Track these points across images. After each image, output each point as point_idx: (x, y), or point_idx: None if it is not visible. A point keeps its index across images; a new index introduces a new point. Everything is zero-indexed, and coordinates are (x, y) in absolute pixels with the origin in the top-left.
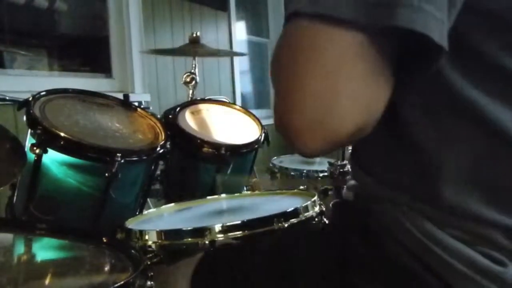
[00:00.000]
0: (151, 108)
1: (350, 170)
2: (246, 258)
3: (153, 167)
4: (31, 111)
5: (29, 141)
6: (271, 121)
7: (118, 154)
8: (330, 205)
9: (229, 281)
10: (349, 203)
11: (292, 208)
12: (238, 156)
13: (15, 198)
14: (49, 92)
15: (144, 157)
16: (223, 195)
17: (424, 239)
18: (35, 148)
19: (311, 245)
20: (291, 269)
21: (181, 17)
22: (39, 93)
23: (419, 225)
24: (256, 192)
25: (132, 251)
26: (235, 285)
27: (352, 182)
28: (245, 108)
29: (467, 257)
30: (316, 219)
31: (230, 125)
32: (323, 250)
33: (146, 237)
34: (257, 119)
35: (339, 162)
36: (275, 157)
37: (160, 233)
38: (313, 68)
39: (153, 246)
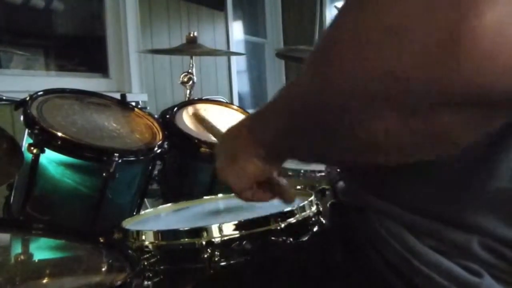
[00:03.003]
0: (148, 108)
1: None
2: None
3: (150, 167)
4: (29, 111)
5: (26, 141)
6: None
7: (115, 154)
8: (328, 205)
9: None
10: (344, 206)
11: (289, 208)
12: None
13: (12, 198)
14: (47, 92)
15: (142, 157)
16: (220, 195)
17: (403, 251)
18: (32, 148)
19: (300, 258)
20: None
21: (178, 16)
22: (36, 93)
23: (398, 236)
24: None
25: (129, 251)
26: None
27: (341, 184)
28: (242, 108)
29: (445, 269)
30: (313, 219)
31: (227, 125)
32: (311, 263)
33: (143, 237)
34: None
35: None
36: None
37: (157, 233)
38: None
39: (150, 246)
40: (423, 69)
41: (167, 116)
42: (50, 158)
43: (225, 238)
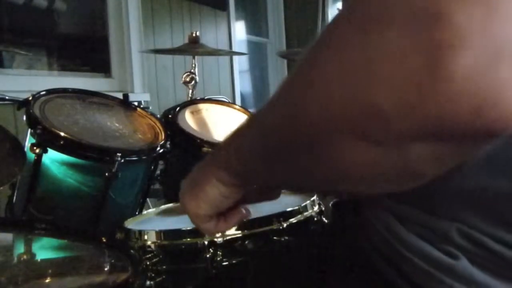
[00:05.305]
0: (150, 107)
1: None
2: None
3: (152, 167)
4: (31, 111)
5: (29, 140)
6: None
7: (117, 154)
8: (330, 205)
9: None
10: (346, 204)
11: (291, 208)
12: None
13: (14, 197)
14: (49, 91)
15: (144, 157)
16: None
17: (390, 237)
18: (35, 147)
19: (301, 257)
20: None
21: (181, 16)
22: (38, 92)
23: (386, 224)
24: None
25: (132, 251)
26: None
27: None
28: (244, 108)
29: (424, 252)
30: (316, 219)
31: (229, 125)
32: (311, 263)
33: (145, 237)
34: None
35: None
36: None
37: (159, 233)
38: None
39: (152, 246)
40: (395, 99)
41: (170, 116)
42: (52, 158)
43: (227, 237)
